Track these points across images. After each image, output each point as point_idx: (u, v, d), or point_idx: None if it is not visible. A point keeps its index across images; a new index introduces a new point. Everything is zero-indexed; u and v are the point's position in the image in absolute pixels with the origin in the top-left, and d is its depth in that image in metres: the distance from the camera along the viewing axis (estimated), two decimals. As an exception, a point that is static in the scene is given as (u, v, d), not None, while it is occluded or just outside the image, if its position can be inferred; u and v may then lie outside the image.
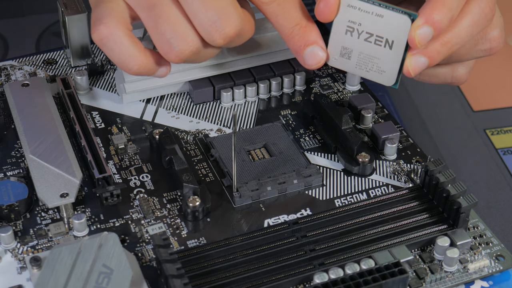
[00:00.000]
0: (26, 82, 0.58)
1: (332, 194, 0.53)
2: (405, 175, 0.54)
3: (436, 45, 0.49)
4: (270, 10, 0.49)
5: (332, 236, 0.49)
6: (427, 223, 0.50)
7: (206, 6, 0.47)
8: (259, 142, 0.56)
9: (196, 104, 0.59)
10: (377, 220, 0.50)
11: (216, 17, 0.47)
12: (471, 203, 0.49)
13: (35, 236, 0.49)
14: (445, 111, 0.67)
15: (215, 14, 0.47)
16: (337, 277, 0.46)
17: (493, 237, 0.51)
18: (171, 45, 0.48)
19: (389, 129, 0.56)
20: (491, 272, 0.49)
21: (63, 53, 0.63)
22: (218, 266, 0.47)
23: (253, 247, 0.48)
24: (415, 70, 0.50)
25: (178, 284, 0.44)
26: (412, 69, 0.49)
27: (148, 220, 0.51)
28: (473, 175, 0.60)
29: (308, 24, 0.50)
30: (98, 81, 0.61)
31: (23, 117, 0.55)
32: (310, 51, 0.50)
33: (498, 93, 0.68)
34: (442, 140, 0.64)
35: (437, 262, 0.49)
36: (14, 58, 0.63)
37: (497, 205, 0.59)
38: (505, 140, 0.64)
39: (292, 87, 0.61)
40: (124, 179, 0.53)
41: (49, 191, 0.50)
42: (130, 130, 0.57)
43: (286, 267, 0.47)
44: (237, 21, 0.47)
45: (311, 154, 0.56)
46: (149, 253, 0.49)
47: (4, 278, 0.47)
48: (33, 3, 0.75)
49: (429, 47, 0.49)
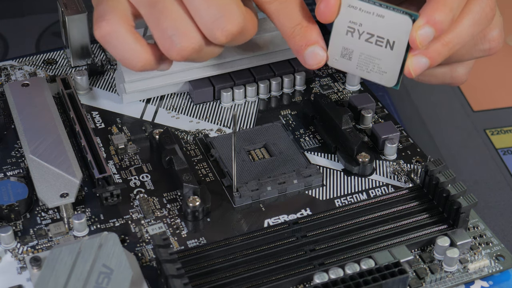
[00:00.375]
0: (26, 82, 0.58)
1: (332, 194, 0.53)
2: (405, 175, 0.54)
3: (437, 46, 0.49)
4: (272, 9, 0.49)
5: (332, 236, 0.49)
6: (427, 223, 0.50)
7: (208, 2, 0.47)
8: (259, 142, 0.56)
9: (196, 104, 0.59)
10: (377, 220, 0.50)
11: (218, 14, 0.47)
12: (471, 203, 0.49)
13: (35, 236, 0.49)
14: (445, 111, 0.67)
15: (218, 11, 0.47)
16: (337, 277, 0.45)
17: (493, 237, 0.51)
18: (173, 42, 0.47)
19: (389, 129, 0.56)
20: (491, 272, 0.49)
21: (63, 53, 0.63)
22: (218, 266, 0.47)
23: (253, 247, 0.48)
24: (416, 70, 0.49)
25: (178, 284, 0.44)
26: (413, 69, 0.49)
27: (148, 220, 0.51)
28: (473, 175, 0.60)
29: (310, 24, 0.50)
30: (98, 81, 0.61)
31: (23, 117, 0.55)
32: (311, 51, 0.50)
33: (498, 93, 0.68)
34: (442, 140, 0.64)
35: (437, 262, 0.49)
36: (14, 58, 0.63)
37: (497, 205, 0.59)
38: (505, 140, 0.64)
39: (292, 87, 0.61)
40: (124, 179, 0.53)
41: (49, 191, 0.50)
42: (130, 130, 0.57)
43: (286, 267, 0.47)
44: (240, 18, 0.47)
45: (311, 154, 0.56)
46: (149, 253, 0.49)
47: (4, 278, 0.47)
48: (33, 3, 0.75)
49: (430, 48, 0.49)
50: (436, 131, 0.65)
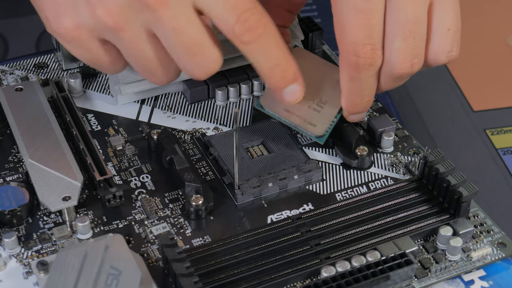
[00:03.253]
0: (20, 87, 0.57)
1: (332, 188, 0.53)
2: (404, 167, 0.55)
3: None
4: (249, 50, 0.47)
5: (336, 230, 0.50)
6: (428, 214, 0.51)
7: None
8: (257, 139, 0.56)
9: (191, 103, 0.59)
10: (379, 212, 0.51)
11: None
12: (472, 192, 0.50)
13: (38, 240, 0.49)
14: (445, 111, 0.67)
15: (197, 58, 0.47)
16: (345, 270, 0.46)
17: (494, 225, 0.51)
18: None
19: (385, 122, 0.56)
20: (493, 260, 0.49)
21: (54, 57, 0.63)
22: (226, 263, 0.47)
23: (258, 243, 0.48)
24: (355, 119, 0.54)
25: (188, 282, 0.44)
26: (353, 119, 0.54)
27: (152, 221, 0.51)
28: (473, 175, 0.61)
29: (288, 62, 0.49)
30: (91, 84, 0.61)
31: (19, 121, 0.55)
32: (289, 90, 0.50)
33: (498, 93, 0.69)
34: (442, 140, 0.64)
35: (440, 252, 0.49)
36: (3, 63, 0.62)
37: (497, 205, 0.59)
38: (505, 140, 0.64)
39: (285, 83, 0.61)
40: (124, 181, 0.53)
41: (51, 195, 0.50)
42: (126, 131, 0.57)
43: (292, 262, 0.48)
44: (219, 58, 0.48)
45: (309, 150, 0.56)
46: (155, 253, 0.49)
47: (10, 284, 0.47)
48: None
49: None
50: (436, 131, 0.65)
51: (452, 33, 0.50)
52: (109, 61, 0.49)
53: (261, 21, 0.46)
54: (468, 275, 0.49)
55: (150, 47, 0.47)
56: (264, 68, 0.48)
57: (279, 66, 0.48)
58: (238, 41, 0.47)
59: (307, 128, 0.53)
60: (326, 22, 0.74)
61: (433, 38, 0.50)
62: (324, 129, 0.53)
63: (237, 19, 0.46)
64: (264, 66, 0.48)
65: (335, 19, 0.49)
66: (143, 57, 0.48)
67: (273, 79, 0.49)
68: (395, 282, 0.46)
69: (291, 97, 0.50)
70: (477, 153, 0.63)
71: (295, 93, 0.50)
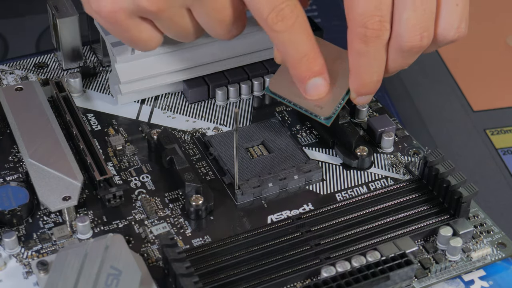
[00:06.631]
0: (20, 87, 0.57)
1: (332, 189, 0.53)
2: (403, 167, 0.55)
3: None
4: (281, 39, 0.49)
5: (336, 230, 0.50)
6: (428, 214, 0.51)
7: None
8: (257, 139, 0.56)
9: (191, 103, 0.59)
10: (379, 212, 0.51)
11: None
12: (472, 192, 0.50)
13: (38, 240, 0.49)
14: (445, 111, 0.67)
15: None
16: (345, 270, 0.46)
17: (494, 225, 0.51)
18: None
19: (385, 122, 0.56)
20: (493, 260, 0.49)
21: (54, 56, 0.63)
22: (226, 263, 0.47)
23: (259, 243, 0.48)
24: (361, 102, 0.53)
25: (189, 282, 0.44)
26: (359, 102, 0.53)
27: (152, 221, 0.51)
28: (473, 175, 0.61)
29: (316, 55, 0.50)
30: (91, 83, 0.61)
31: (19, 121, 0.55)
32: (314, 82, 0.51)
33: (498, 93, 0.69)
34: (442, 140, 0.64)
35: (440, 252, 0.49)
36: (3, 62, 0.62)
37: (497, 205, 0.59)
38: (505, 140, 0.64)
39: (285, 83, 0.61)
40: (124, 180, 0.53)
41: (51, 194, 0.50)
42: (126, 131, 0.57)
43: (292, 262, 0.48)
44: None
45: (309, 150, 0.56)
46: (155, 253, 0.49)
47: (10, 284, 0.47)
48: (33, 3, 0.74)
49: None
50: (436, 131, 0.65)
51: (460, 8, 0.50)
52: (146, 38, 0.51)
53: (294, 12, 0.48)
54: (468, 275, 0.49)
55: (188, 20, 0.51)
56: (292, 57, 0.50)
57: (306, 57, 0.49)
58: (270, 29, 0.49)
59: (315, 111, 0.52)
60: (326, 22, 0.74)
61: (442, 13, 0.49)
62: (331, 111, 0.52)
63: (273, 9, 0.48)
64: (292, 56, 0.50)
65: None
66: (180, 30, 0.51)
67: (299, 69, 0.50)
68: (395, 282, 0.46)
69: (314, 91, 0.51)
70: (477, 153, 0.63)
71: (319, 87, 0.51)
